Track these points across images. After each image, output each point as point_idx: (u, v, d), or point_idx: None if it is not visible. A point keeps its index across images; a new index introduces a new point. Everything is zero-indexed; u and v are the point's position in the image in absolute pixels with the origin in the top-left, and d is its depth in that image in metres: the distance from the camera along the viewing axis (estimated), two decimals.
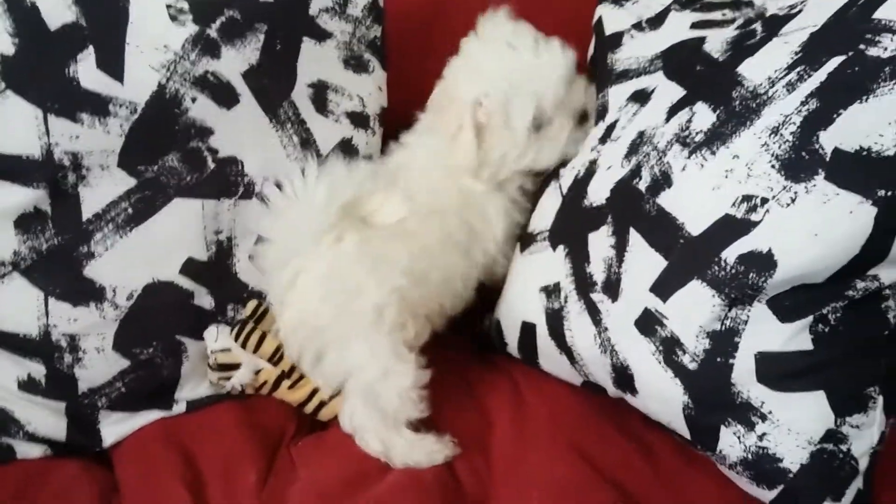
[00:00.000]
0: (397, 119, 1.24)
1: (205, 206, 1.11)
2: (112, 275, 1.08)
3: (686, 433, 0.94)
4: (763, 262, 0.85)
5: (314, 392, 1.11)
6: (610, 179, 1.02)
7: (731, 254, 0.87)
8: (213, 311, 1.14)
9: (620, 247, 0.98)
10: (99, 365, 1.09)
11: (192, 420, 1.12)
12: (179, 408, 1.14)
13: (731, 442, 0.89)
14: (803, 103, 0.85)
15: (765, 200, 0.86)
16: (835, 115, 0.83)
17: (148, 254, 1.09)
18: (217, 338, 1.12)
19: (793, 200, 0.85)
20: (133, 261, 1.09)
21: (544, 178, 1.18)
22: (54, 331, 1.07)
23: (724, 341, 0.88)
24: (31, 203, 1.04)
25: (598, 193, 1.04)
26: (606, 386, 1.03)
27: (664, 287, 0.93)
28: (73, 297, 1.07)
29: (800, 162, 0.85)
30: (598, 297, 1.00)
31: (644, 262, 0.95)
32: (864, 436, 0.86)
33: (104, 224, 1.07)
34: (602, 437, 1.06)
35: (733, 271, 0.87)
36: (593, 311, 1.01)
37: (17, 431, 1.08)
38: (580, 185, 1.07)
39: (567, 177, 1.11)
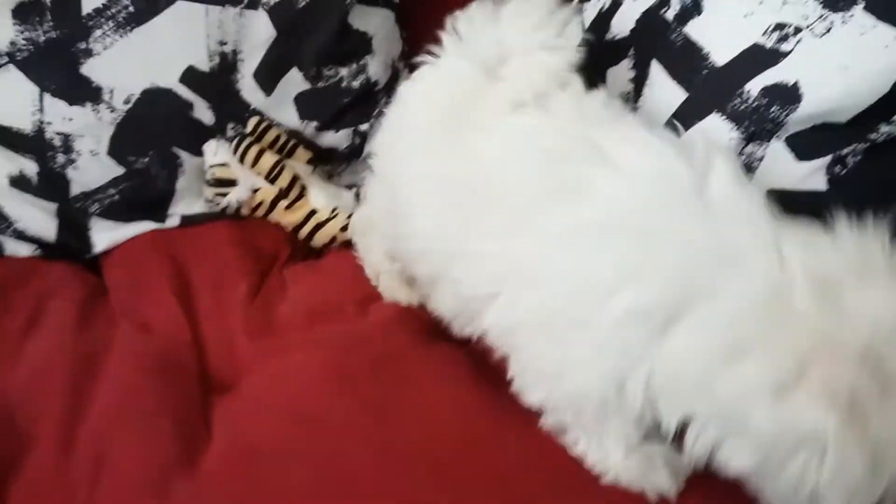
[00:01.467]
0: None
1: (209, 12, 1.06)
2: (110, 75, 1.04)
3: None
4: (788, 94, 0.81)
5: (311, 214, 1.09)
6: (636, 10, 0.96)
7: (755, 86, 0.83)
8: (212, 127, 1.11)
9: (640, 80, 0.94)
10: (93, 168, 1.06)
11: (186, 234, 1.11)
12: (173, 221, 1.12)
13: None
14: None
15: (798, 30, 0.81)
16: None
17: (148, 57, 1.05)
18: (216, 151, 1.09)
19: (827, 31, 0.80)
20: (132, 63, 1.05)
21: None
22: (48, 128, 1.04)
23: None
24: None
25: (621, 26, 0.98)
26: None
27: (682, 121, 0.88)
28: (70, 94, 1.03)
29: None
30: None
31: (663, 95, 0.91)
32: None
33: (104, 21, 1.02)
34: None
35: (755, 104, 0.83)
36: None
37: (7, 227, 1.07)
38: (603, 19, 1.02)
39: (590, 11, 1.06)
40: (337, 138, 1.17)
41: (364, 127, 1.18)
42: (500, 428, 0.79)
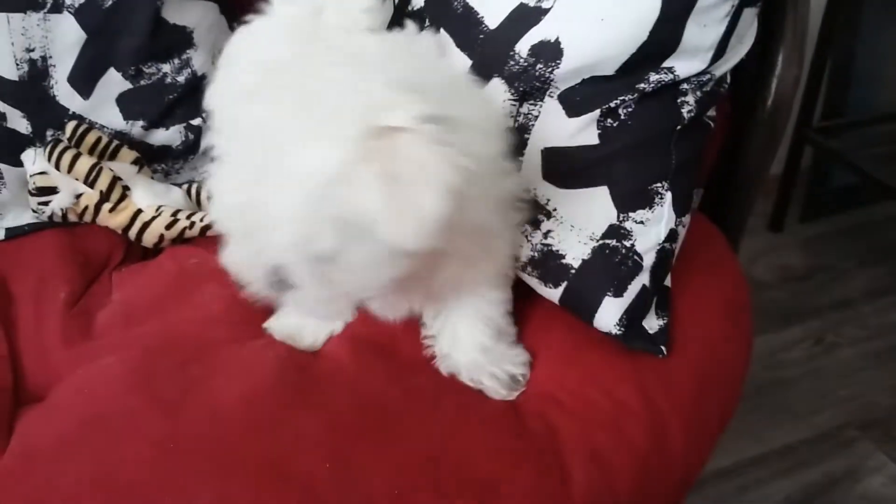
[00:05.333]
0: None
1: (10, 20, 1.04)
2: None
3: None
4: (551, 51, 0.81)
5: (136, 214, 1.07)
6: None
7: (523, 46, 0.83)
8: (30, 136, 1.09)
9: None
10: None
11: (10, 246, 1.08)
12: None
13: (520, 242, 0.87)
14: None
15: None
16: None
17: None
18: (35, 160, 1.08)
19: None
20: None
21: None
22: None
23: (514, 138, 0.84)
24: None
25: None
26: None
27: None
28: None
29: None
30: None
31: (453, 63, 0.90)
32: (649, 232, 0.83)
33: None
34: None
35: (525, 63, 0.83)
36: None
37: None
38: None
39: None
40: (168, 136, 1.16)
41: (196, 122, 1.17)
42: (286, 412, 0.79)
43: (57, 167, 1.06)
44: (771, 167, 1.10)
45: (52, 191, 1.08)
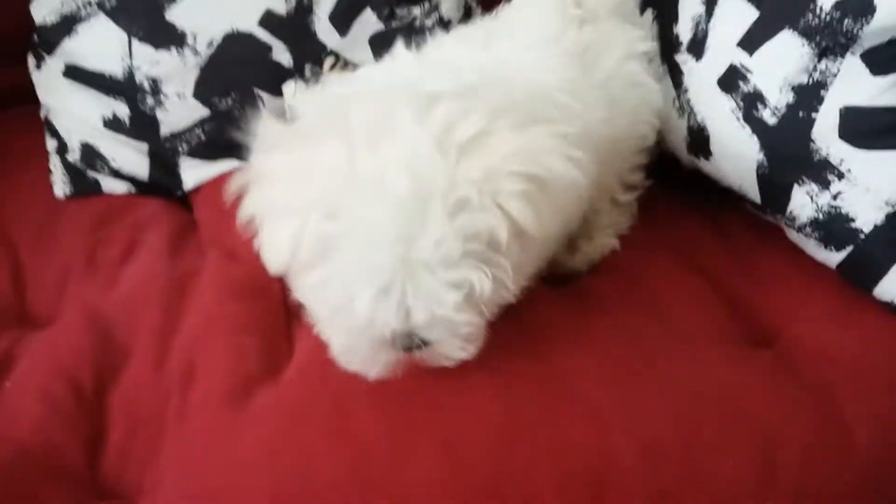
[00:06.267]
0: None
1: None
2: (193, 20, 1.08)
3: (756, 196, 0.91)
4: (861, 7, 0.79)
5: None
6: None
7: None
8: (290, 68, 1.14)
9: (711, 2, 0.93)
10: (180, 110, 1.12)
11: None
12: None
13: (804, 202, 0.86)
14: None
15: None
16: None
17: (228, 2, 1.10)
18: (295, 92, 1.13)
19: None
20: (213, 8, 1.09)
21: None
22: (137, 72, 1.09)
23: (809, 94, 0.83)
24: None
25: None
26: (680, 153, 1.00)
27: (752, 40, 0.88)
28: (156, 40, 1.09)
29: None
30: (682, 57, 0.96)
31: (734, 15, 0.90)
32: None
33: None
34: (674, 217, 1.04)
35: (828, 18, 0.81)
36: (675, 73, 0.97)
37: (103, 167, 1.13)
38: None
39: None
40: None
41: None
42: (561, 342, 0.83)
43: None
44: None
45: None
